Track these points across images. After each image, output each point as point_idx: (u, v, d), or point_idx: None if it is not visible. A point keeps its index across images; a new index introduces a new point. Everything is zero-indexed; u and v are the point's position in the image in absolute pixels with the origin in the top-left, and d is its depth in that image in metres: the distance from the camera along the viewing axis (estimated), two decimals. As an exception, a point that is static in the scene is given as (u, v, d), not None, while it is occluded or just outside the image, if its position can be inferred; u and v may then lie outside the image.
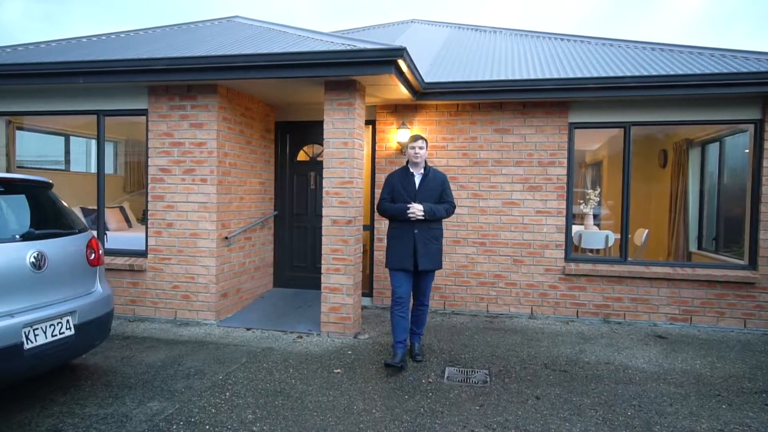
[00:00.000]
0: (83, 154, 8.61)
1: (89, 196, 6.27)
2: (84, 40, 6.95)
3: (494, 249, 6.13)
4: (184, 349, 4.65)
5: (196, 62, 5.03)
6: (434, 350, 4.72)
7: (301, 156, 7.08)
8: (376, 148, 6.42)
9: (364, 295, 6.26)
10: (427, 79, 5.85)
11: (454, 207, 4.30)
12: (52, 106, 5.98)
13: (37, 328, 3.22)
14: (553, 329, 5.55)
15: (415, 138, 4.22)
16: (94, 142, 6.31)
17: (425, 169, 4.27)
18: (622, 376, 4.16)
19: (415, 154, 4.20)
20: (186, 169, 5.53)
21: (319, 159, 6.89)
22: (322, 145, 6.30)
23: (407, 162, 4.29)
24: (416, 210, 4.08)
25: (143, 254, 5.72)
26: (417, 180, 4.22)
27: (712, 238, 6.87)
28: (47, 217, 3.75)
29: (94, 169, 6.30)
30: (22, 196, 3.63)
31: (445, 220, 6.51)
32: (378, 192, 6.43)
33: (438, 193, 4.23)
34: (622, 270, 5.82)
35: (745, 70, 5.34)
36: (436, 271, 6.06)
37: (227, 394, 3.68)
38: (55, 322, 3.35)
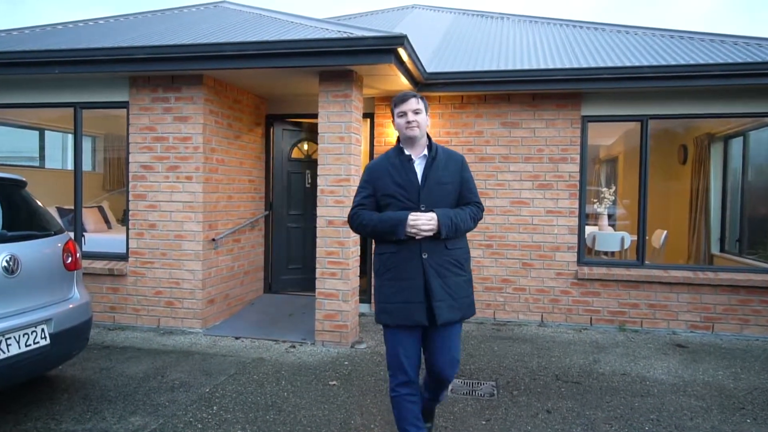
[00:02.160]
0: (59, 150, 8.60)
1: (66, 195, 6.26)
2: (59, 27, 6.94)
3: (502, 252, 6.14)
4: (168, 360, 4.65)
5: (181, 51, 5.03)
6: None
7: (295, 152, 7.08)
8: (375, 143, 6.42)
9: (362, 301, 6.26)
10: (429, 69, 5.85)
11: (483, 209, 2.88)
12: (25, 98, 5.97)
13: (9, 338, 3.22)
14: (564, 338, 5.56)
15: (404, 97, 2.71)
16: (70, 137, 6.31)
17: (430, 148, 2.76)
18: (639, 388, 4.17)
19: (407, 123, 2.69)
20: (170, 166, 5.53)
21: (313, 155, 6.90)
22: (316, 140, 6.31)
23: (398, 141, 2.83)
24: (423, 222, 2.59)
25: (124, 257, 5.71)
26: (419, 168, 2.73)
27: (735, 239, 6.88)
28: (20, 217, 3.75)
29: (70, 166, 6.30)
30: (-6, 195, 3.62)
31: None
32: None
33: (455, 187, 2.75)
34: (639, 274, 5.83)
35: (770, 60, 5.36)
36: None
37: (214, 408, 3.68)
38: (29, 330, 3.35)
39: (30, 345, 3.33)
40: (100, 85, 5.73)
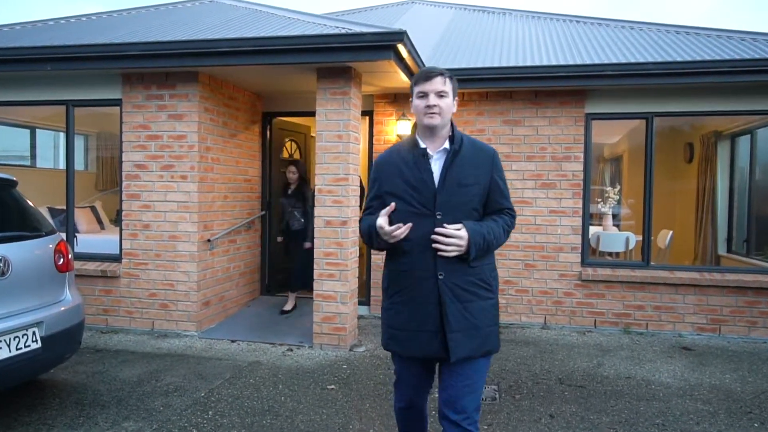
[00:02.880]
0: (51, 149, 8.59)
1: (57, 195, 6.26)
2: (51, 23, 6.94)
3: (503, 252, 6.14)
4: (162, 364, 4.65)
5: (175, 47, 5.03)
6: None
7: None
8: (374, 142, 6.42)
9: (360, 303, 6.26)
10: (429, 66, 5.84)
11: (515, 216, 2.41)
12: (15, 96, 5.97)
13: (-1, 341, 3.22)
14: (568, 340, 5.56)
15: (428, 74, 2.24)
16: (62, 136, 6.30)
17: (453, 139, 2.28)
18: (644, 391, 4.17)
19: (427, 108, 2.21)
20: (164, 165, 5.52)
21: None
22: (300, 140, 6.33)
23: (413, 134, 2.37)
24: (452, 239, 2.15)
25: (117, 259, 5.71)
26: (436, 166, 2.25)
27: (742, 240, 6.88)
28: (11, 218, 3.74)
29: (62, 165, 6.29)
30: (-17, 195, 3.62)
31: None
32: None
33: (482, 190, 2.27)
34: (644, 275, 5.83)
35: (778, 56, 5.36)
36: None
37: (210, 412, 3.67)
38: (19, 334, 3.34)
39: (21, 348, 3.33)
40: (93, 82, 5.72)
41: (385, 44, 4.67)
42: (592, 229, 6.59)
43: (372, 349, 5.17)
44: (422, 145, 2.27)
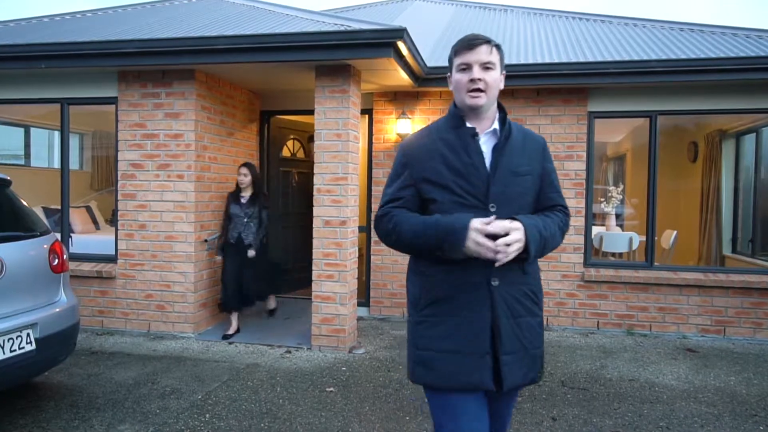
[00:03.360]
0: (45, 148, 8.59)
1: (52, 195, 6.26)
2: (46, 20, 6.94)
3: (505, 253, 6.12)
4: (158, 366, 4.64)
5: (172, 45, 5.02)
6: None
7: (285, 150, 7.07)
8: (373, 141, 6.42)
9: (360, 304, 6.26)
10: (429, 64, 5.85)
11: (569, 216, 2.08)
12: (9, 94, 5.96)
13: (-7, 343, 3.22)
14: (570, 342, 5.56)
15: (472, 42, 1.88)
16: (57, 134, 6.30)
17: (503, 123, 1.96)
18: (648, 394, 4.17)
19: (471, 83, 1.86)
20: (160, 164, 5.52)
21: (298, 154, 6.89)
22: (304, 138, 6.32)
23: (453, 109, 1.97)
24: (511, 237, 1.75)
25: (113, 259, 5.71)
26: (486, 149, 1.91)
27: (748, 240, 6.88)
28: (4, 218, 3.74)
29: (57, 165, 6.29)
30: (-23, 195, 3.62)
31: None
32: (377, 190, 6.43)
33: (535, 182, 1.96)
34: (648, 276, 5.83)
35: (784, 53, 5.36)
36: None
37: (207, 415, 3.67)
38: (13, 335, 3.34)
39: (15, 350, 3.33)
40: (88, 80, 5.72)
41: (384, 41, 4.67)
42: (595, 229, 6.59)
43: (372, 351, 5.17)
44: (467, 125, 1.91)
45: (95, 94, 5.73)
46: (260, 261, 5.63)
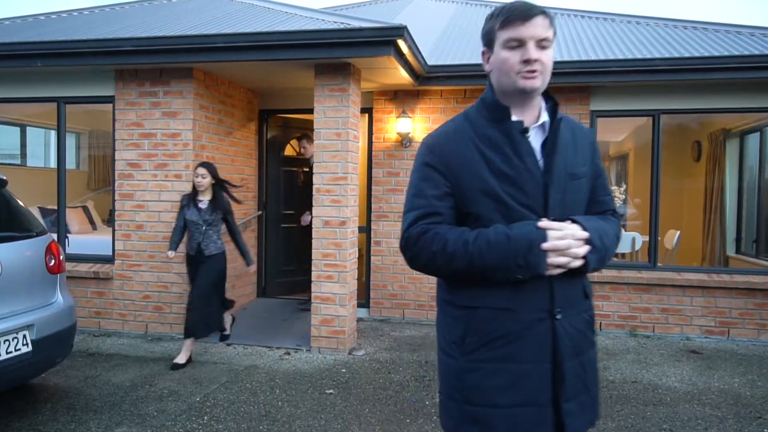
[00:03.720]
0: (42, 147, 8.59)
1: (48, 195, 6.26)
2: (42, 17, 6.94)
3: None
4: (156, 368, 4.64)
5: (170, 43, 5.03)
6: (437, 367, 4.72)
7: (289, 149, 7.08)
8: (373, 140, 6.42)
9: (359, 305, 6.26)
10: (430, 62, 5.85)
11: (620, 223, 1.78)
12: (5, 93, 5.96)
13: (-11, 344, 3.22)
14: (573, 344, 5.56)
15: (525, 13, 1.50)
16: (53, 134, 6.30)
17: (553, 112, 1.64)
18: (651, 396, 4.17)
19: (526, 64, 1.51)
20: (158, 164, 5.52)
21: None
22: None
23: (490, 96, 1.62)
24: (567, 240, 1.48)
25: (110, 260, 5.71)
26: (534, 146, 1.59)
27: (752, 240, 6.88)
28: (0, 218, 3.74)
29: (53, 164, 6.29)
30: (-27, 195, 3.62)
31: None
32: (377, 190, 6.44)
33: (588, 184, 1.67)
34: (650, 277, 5.83)
35: (788, 51, 5.36)
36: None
37: (205, 418, 3.67)
38: (9, 337, 3.34)
39: (11, 352, 3.33)
40: (85, 78, 5.72)
41: (384, 40, 4.67)
42: (598, 230, 6.57)
43: (372, 352, 5.17)
44: (511, 117, 1.55)
45: (92, 93, 5.73)
46: (217, 281, 4.93)
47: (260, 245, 6.98)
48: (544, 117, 1.60)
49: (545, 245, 1.44)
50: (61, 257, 3.95)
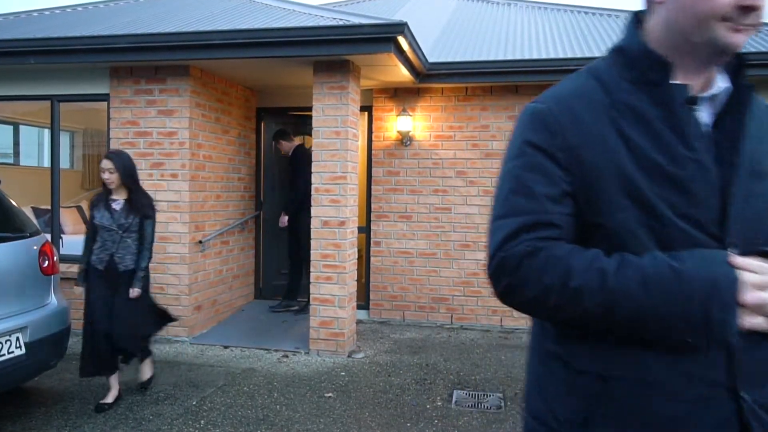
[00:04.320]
0: (35, 146, 8.59)
1: (42, 194, 6.26)
2: (35, 14, 6.94)
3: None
4: (151, 371, 4.65)
5: (165, 40, 5.02)
6: (440, 371, 4.73)
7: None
8: (373, 138, 6.42)
9: (359, 307, 6.26)
10: (431, 59, 5.86)
11: None
12: (-2, 91, 5.97)
13: (-18, 347, 3.22)
14: (576, 346, 5.56)
15: None
16: (47, 132, 6.30)
17: (735, 75, 1.07)
18: (656, 399, 4.17)
19: (744, 11, 0.94)
20: (154, 163, 5.52)
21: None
22: (310, 134, 6.31)
23: (639, 44, 1.10)
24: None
25: (104, 261, 5.70)
26: (706, 126, 1.05)
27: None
28: (-7, 218, 3.75)
29: (47, 163, 6.29)
30: (-35, 195, 3.62)
31: (453, 219, 6.57)
32: (377, 189, 6.44)
33: None
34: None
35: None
36: (440, 280, 6.08)
37: (202, 422, 3.67)
38: (2, 339, 3.34)
39: (4, 355, 3.33)
40: (79, 76, 5.72)
41: (384, 36, 4.67)
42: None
43: (371, 355, 5.17)
44: (680, 80, 1.04)
45: (86, 91, 5.73)
46: (141, 301, 3.90)
47: (257, 246, 6.99)
48: (719, 84, 1.06)
49: (746, 298, 0.92)
50: (55, 258, 3.96)
